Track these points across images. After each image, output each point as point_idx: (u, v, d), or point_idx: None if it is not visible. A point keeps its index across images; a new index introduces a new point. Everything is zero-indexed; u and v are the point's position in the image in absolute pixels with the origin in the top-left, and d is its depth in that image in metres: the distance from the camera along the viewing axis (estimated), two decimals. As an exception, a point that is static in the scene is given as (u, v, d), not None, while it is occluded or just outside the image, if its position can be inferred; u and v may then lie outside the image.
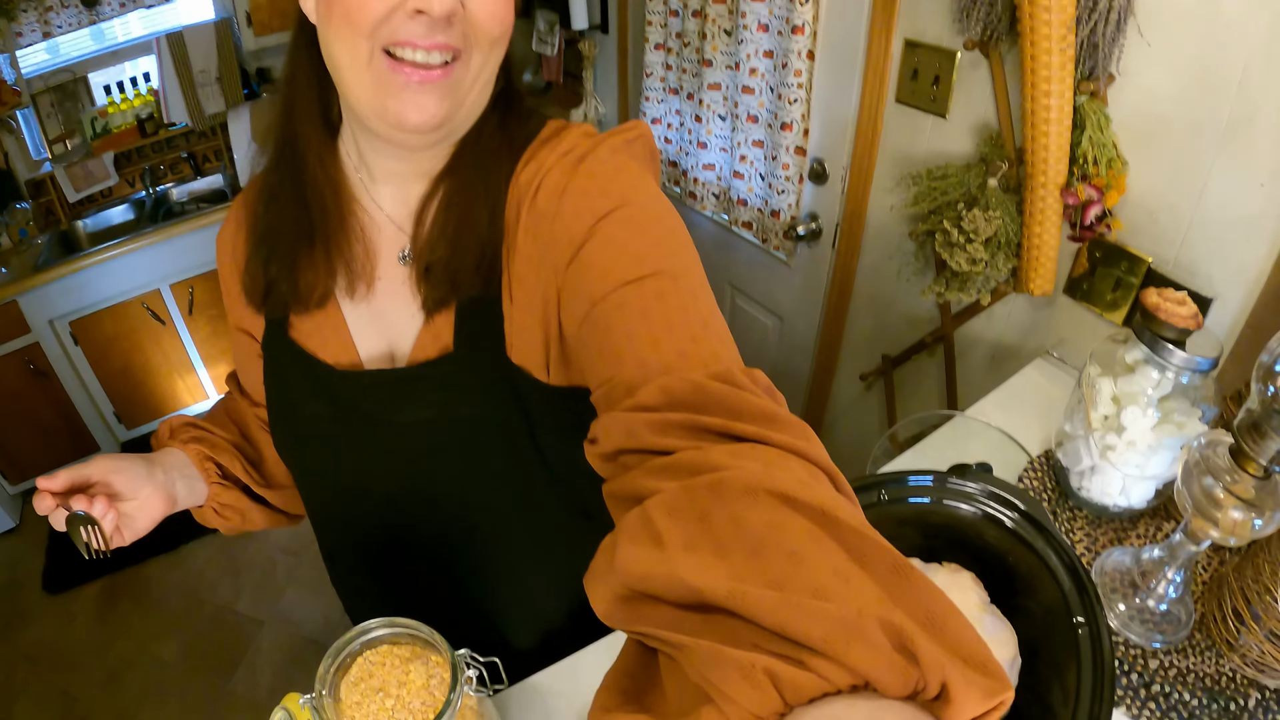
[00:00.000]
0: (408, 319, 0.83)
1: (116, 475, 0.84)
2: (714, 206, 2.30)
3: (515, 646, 0.99)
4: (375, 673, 0.73)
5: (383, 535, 0.93)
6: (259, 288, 0.84)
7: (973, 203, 1.44)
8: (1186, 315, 1.00)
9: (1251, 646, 0.94)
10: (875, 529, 0.42)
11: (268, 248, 0.82)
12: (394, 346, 0.84)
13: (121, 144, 3.22)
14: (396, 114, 0.68)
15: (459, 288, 0.78)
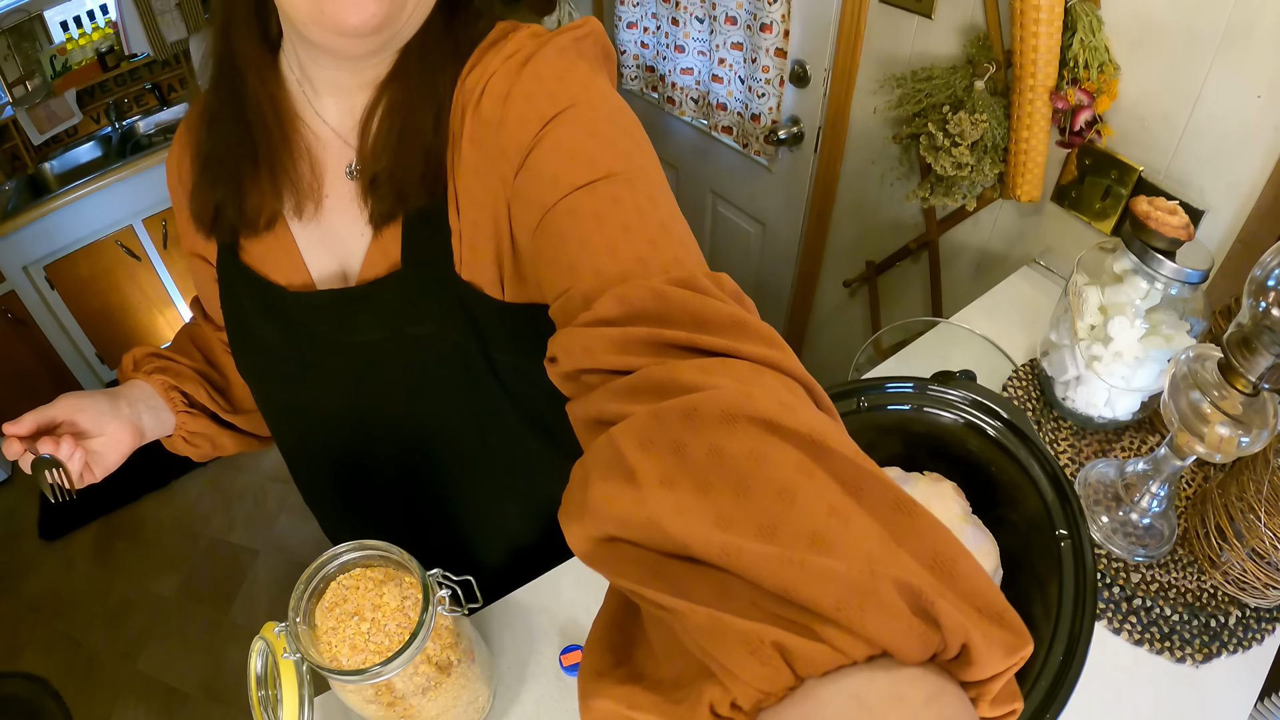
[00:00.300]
0: (357, 236, 0.81)
1: (81, 413, 0.84)
2: (693, 112, 2.24)
3: (486, 565, 1.01)
4: (349, 597, 0.73)
5: (347, 458, 0.93)
6: (207, 212, 0.82)
7: (959, 106, 1.40)
8: (1178, 225, 0.98)
9: (1233, 564, 0.95)
10: (865, 453, 0.40)
11: (212, 171, 0.80)
12: (345, 265, 0.83)
13: (83, 80, 3.11)
14: (334, 16, 0.63)
15: (404, 199, 0.75)
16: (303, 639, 0.70)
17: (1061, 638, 0.70)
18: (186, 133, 0.87)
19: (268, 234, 0.82)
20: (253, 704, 0.75)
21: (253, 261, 0.85)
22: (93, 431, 0.85)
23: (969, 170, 1.41)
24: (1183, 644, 0.95)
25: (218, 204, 0.80)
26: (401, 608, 0.73)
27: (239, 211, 0.80)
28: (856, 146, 1.82)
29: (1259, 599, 0.96)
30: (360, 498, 0.97)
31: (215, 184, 0.80)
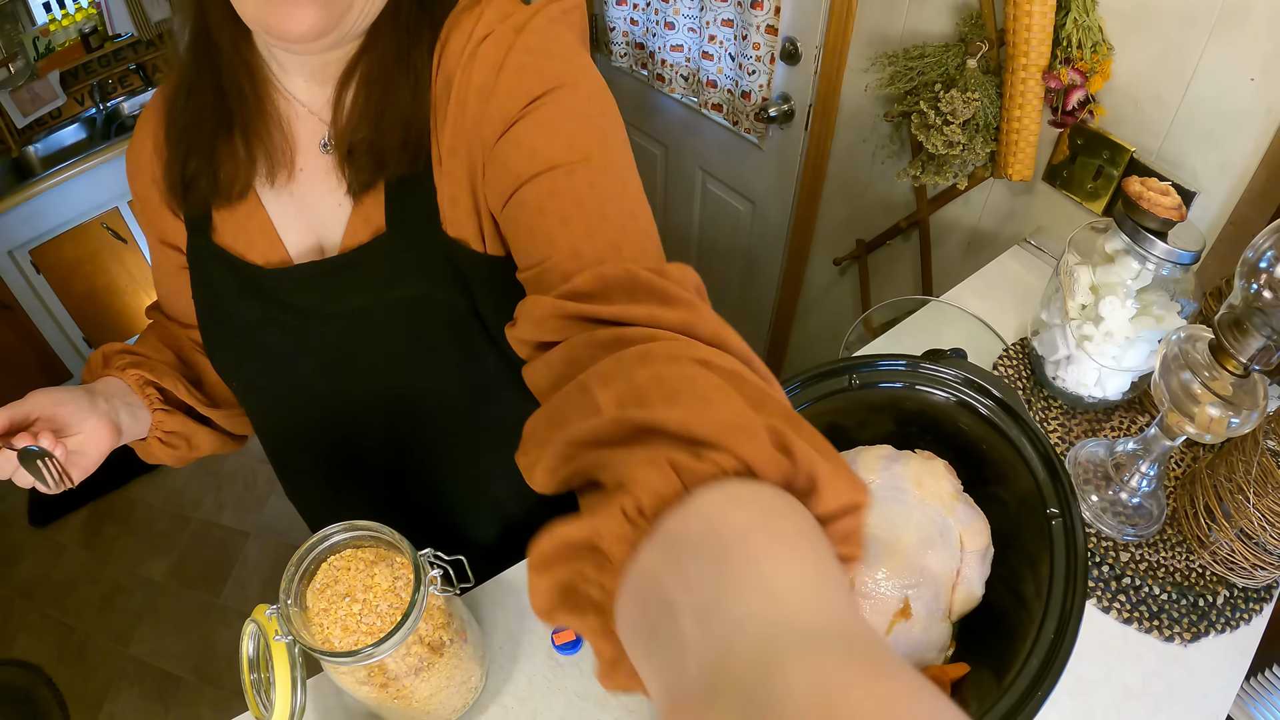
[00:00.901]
0: (333, 208, 0.81)
1: (59, 409, 0.80)
2: (683, 89, 2.22)
3: (477, 543, 1.01)
4: (340, 578, 0.73)
5: (331, 438, 0.92)
6: (179, 184, 0.82)
7: (951, 84, 1.39)
8: (1170, 206, 0.98)
9: (1222, 544, 0.96)
10: (788, 400, 0.51)
11: (187, 140, 0.80)
12: (322, 239, 0.83)
13: (67, 61, 3.06)
14: (278, 26, 0.66)
15: (385, 167, 0.77)
16: (294, 621, 0.69)
17: (1052, 615, 0.71)
18: (154, 116, 0.86)
19: (241, 208, 0.83)
20: (245, 687, 0.75)
21: (226, 242, 0.84)
22: (71, 428, 0.81)
23: (960, 149, 1.40)
24: (1171, 623, 0.96)
25: (192, 174, 0.81)
26: (393, 588, 0.73)
27: (212, 179, 0.80)
28: (847, 124, 1.81)
29: (1247, 579, 0.97)
30: (347, 479, 0.96)
31: (190, 154, 0.80)
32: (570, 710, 0.89)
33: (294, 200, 0.82)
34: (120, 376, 0.91)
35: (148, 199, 0.89)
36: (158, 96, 0.85)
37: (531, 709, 0.89)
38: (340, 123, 0.78)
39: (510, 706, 0.90)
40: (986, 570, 0.80)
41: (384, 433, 0.90)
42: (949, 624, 0.78)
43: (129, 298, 3.15)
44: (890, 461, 0.82)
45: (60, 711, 2.35)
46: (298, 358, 0.86)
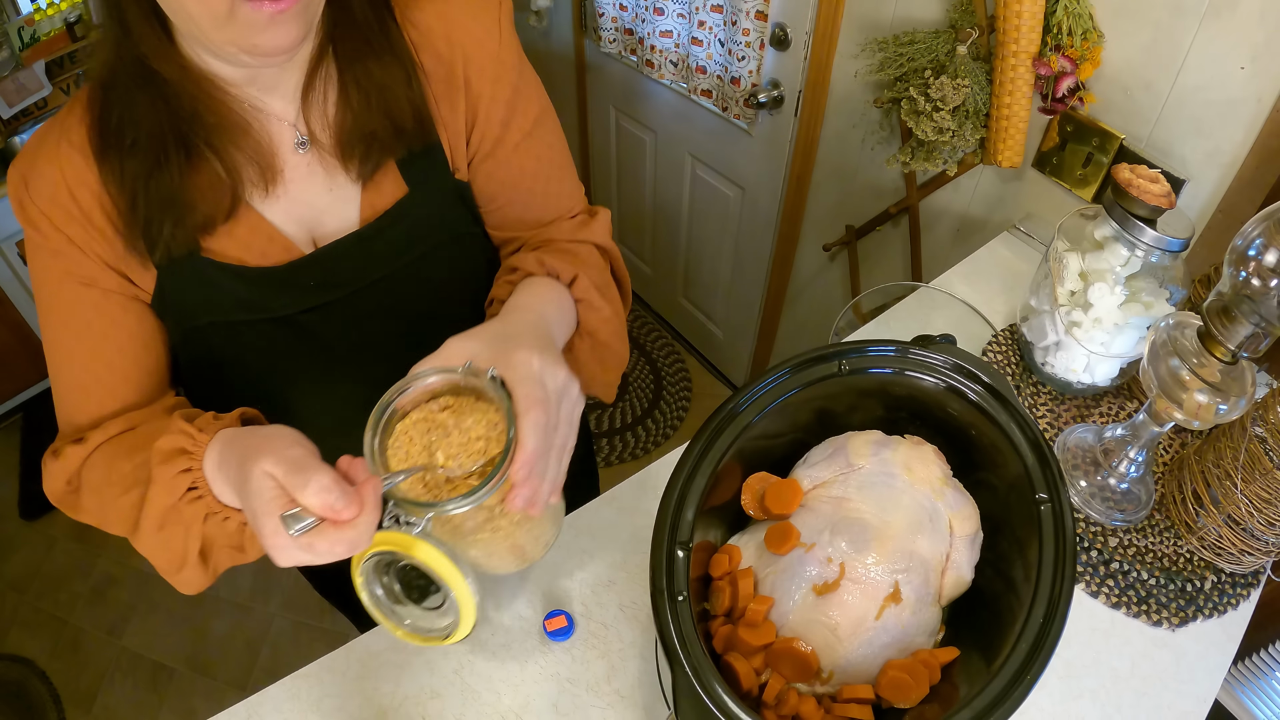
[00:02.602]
0: (331, 198, 0.84)
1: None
2: (672, 75, 2.21)
3: None
4: (414, 436, 0.69)
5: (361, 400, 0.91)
6: (146, 232, 0.77)
7: (941, 70, 1.39)
8: (1159, 193, 0.99)
9: (1210, 530, 0.97)
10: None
11: (150, 187, 0.75)
12: (329, 227, 0.85)
13: (52, 50, 3.00)
14: (263, 47, 0.68)
15: (389, 149, 0.83)
16: (409, 495, 0.66)
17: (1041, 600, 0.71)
18: (72, 159, 0.76)
19: (239, 226, 0.80)
20: (405, 635, 0.70)
21: (231, 259, 0.81)
22: None
23: (950, 135, 1.40)
24: (1159, 607, 0.97)
25: (163, 218, 0.76)
26: (484, 435, 0.69)
27: (194, 212, 0.77)
28: (837, 110, 1.81)
29: (1234, 564, 0.98)
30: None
31: (156, 200, 0.75)
32: (562, 696, 0.90)
33: (287, 199, 0.82)
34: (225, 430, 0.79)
35: (80, 242, 0.78)
36: (68, 139, 0.76)
37: (524, 695, 0.90)
38: (326, 117, 0.81)
39: (502, 693, 0.90)
40: (976, 555, 0.81)
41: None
42: (939, 608, 0.78)
43: (116, 288, 3.13)
44: (880, 447, 0.82)
45: (54, 705, 2.34)
46: (352, 327, 0.88)
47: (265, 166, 0.80)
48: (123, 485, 0.78)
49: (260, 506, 0.61)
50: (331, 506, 0.59)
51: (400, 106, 0.81)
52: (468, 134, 0.88)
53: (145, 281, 0.81)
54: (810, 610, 0.73)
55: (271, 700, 0.91)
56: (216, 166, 0.77)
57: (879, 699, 0.73)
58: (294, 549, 0.61)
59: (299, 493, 0.60)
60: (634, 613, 0.96)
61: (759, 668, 0.73)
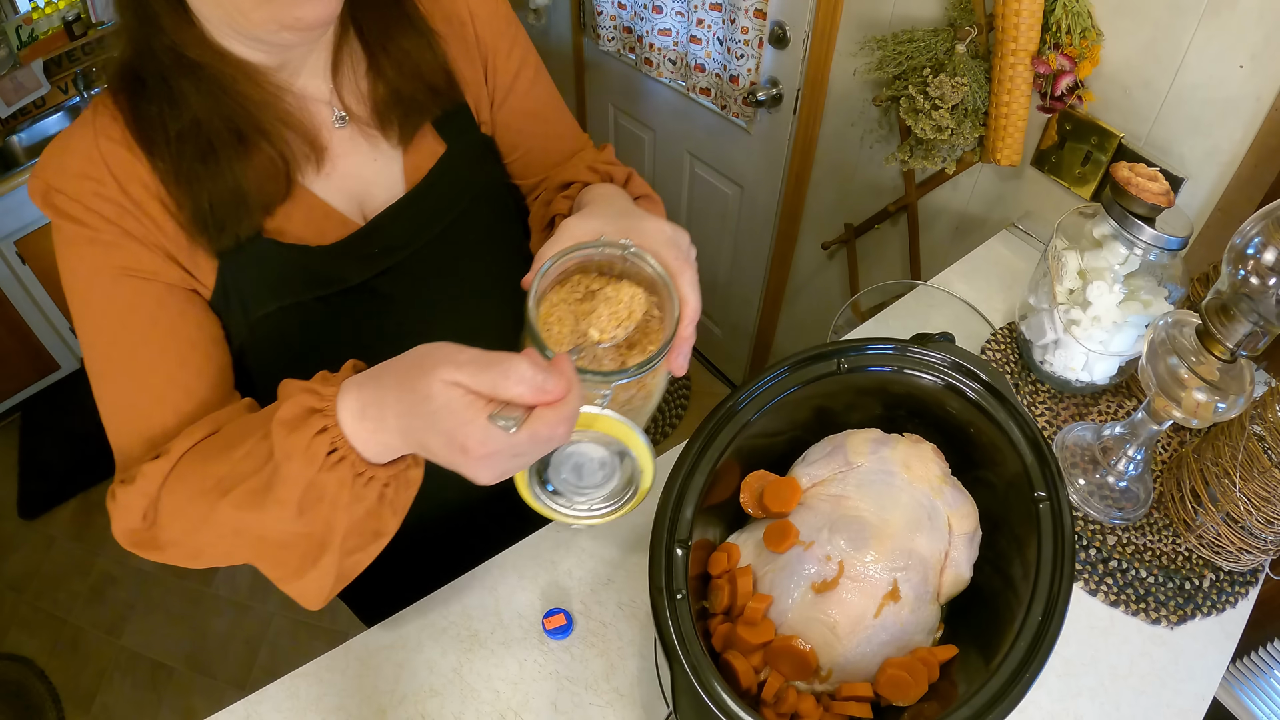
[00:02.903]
0: (376, 168, 0.86)
1: None
2: (671, 73, 2.21)
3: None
4: (561, 316, 0.69)
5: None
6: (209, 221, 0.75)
7: (939, 68, 1.39)
8: (1158, 191, 0.99)
9: (1208, 528, 0.97)
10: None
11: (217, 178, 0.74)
12: (378, 197, 0.87)
13: (50, 49, 2.99)
14: (306, 19, 0.68)
15: (427, 110, 0.86)
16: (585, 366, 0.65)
17: (1040, 598, 0.71)
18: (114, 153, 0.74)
19: (295, 207, 0.81)
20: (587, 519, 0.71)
21: (291, 239, 0.81)
22: None
23: (949, 133, 1.40)
24: (1158, 605, 0.97)
25: (230, 205, 0.75)
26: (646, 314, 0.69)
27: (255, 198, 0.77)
28: (836, 108, 1.81)
29: (1233, 563, 0.98)
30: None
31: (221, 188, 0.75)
32: (561, 694, 0.90)
33: (336, 176, 0.84)
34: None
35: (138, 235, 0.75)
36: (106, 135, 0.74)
37: (523, 693, 0.90)
38: (360, 91, 0.84)
39: (501, 691, 0.90)
40: (974, 553, 0.81)
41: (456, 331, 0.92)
42: (937, 606, 0.78)
43: (115, 286, 3.13)
44: (879, 445, 0.82)
45: (53, 705, 2.34)
46: (419, 284, 0.89)
47: (313, 145, 0.80)
48: (220, 490, 0.67)
49: (456, 421, 0.56)
50: (541, 388, 0.56)
51: (431, 68, 0.85)
52: (487, 86, 0.93)
53: (205, 275, 0.78)
54: (809, 608, 0.73)
55: (271, 699, 0.91)
56: (268, 150, 0.77)
57: (878, 697, 0.73)
58: (507, 454, 0.57)
59: (500, 386, 0.56)
60: (633, 611, 0.96)
61: (758, 666, 0.73)
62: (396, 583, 1.04)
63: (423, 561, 1.07)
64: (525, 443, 0.56)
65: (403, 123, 0.85)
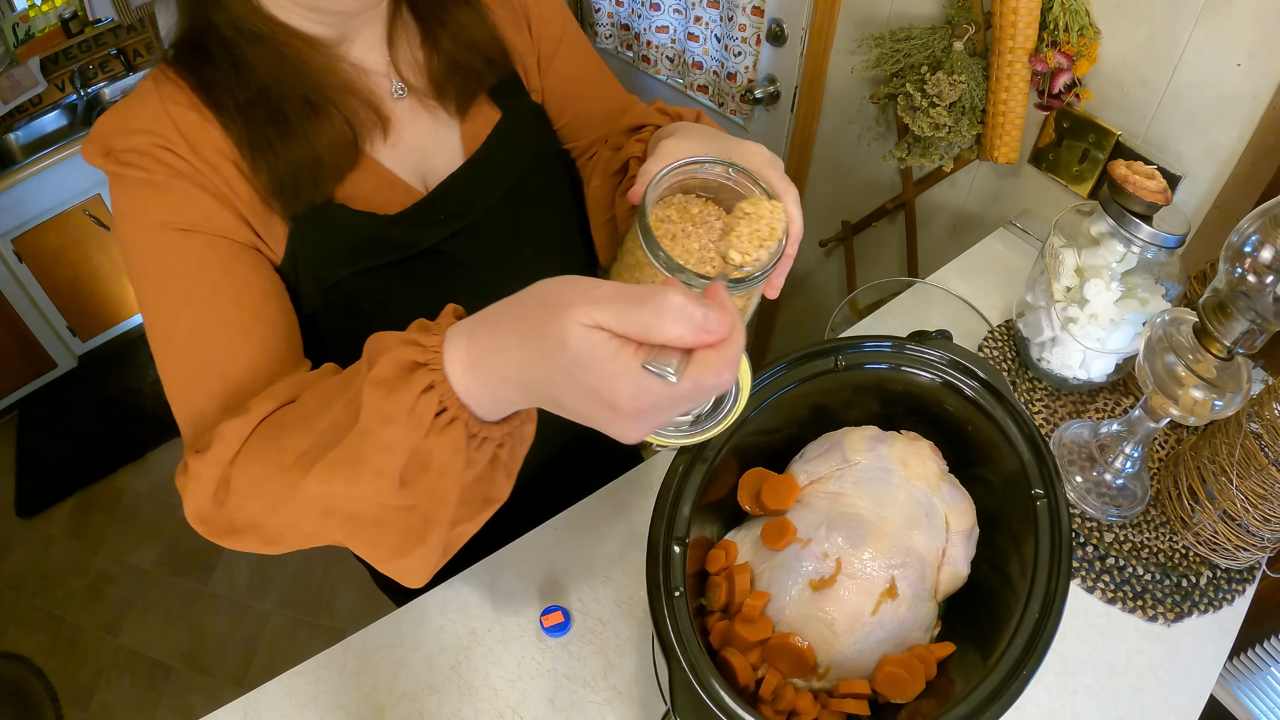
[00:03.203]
0: (436, 138, 0.88)
1: None
2: (668, 70, 2.21)
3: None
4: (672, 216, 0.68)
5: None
6: (283, 186, 0.75)
7: (937, 66, 1.39)
8: (1155, 189, 0.99)
9: (1205, 525, 0.97)
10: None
11: (292, 145, 0.74)
12: (438, 166, 0.88)
13: (47, 47, 3.01)
14: None
15: (483, 79, 0.89)
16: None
17: (1037, 595, 0.71)
18: (192, 122, 0.73)
19: (361, 176, 0.82)
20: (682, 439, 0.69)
21: (360, 207, 0.82)
22: None
23: (946, 131, 1.40)
24: (1155, 603, 0.97)
25: (306, 172, 0.75)
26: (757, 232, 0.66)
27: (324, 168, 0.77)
28: (833, 106, 1.81)
29: (1229, 560, 0.98)
30: None
31: (297, 154, 0.75)
32: (559, 692, 0.90)
33: (400, 146, 0.85)
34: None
35: (212, 192, 0.73)
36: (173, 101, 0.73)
37: (521, 690, 0.90)
38: (416, 63, 0.85)
39: (499, 689, 0.90)
40: (972, 550, 0.81)
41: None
42: (935, 603, 0.78)
43: (113, 284, 3.13)
44: (876, 442, 0.82)
45: (51, 703, 2.34)
46: (485, 247, 0.90)
47: (379, 114, 0.82)
48: (302, 465, 0.59)
49: (602, 372, 0.48)
50: (703, 326, 0.47)
51: (485, 38, 0.87)
52: (536, 54, 0.95)
53: (276, 242, 0.78)
54: (806, 605, 0.74)
55: (269, 697, 0.91)
56: (337, 118, 0.77)
57: (875, 694, 0.73)
58: (665, 407, 0.50)
59: (653, 326, 0.47)
60: (630, 608, 0.96)
61: (755, 663, 0.73)
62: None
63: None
64: (688, 392, 0.48)
65: (460, 93, 0.87)
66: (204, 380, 0.70)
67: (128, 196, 0.72)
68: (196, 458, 0.64)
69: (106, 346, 3.24)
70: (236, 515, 0.64)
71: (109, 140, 0.71)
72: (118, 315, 3.22)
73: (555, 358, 0.49)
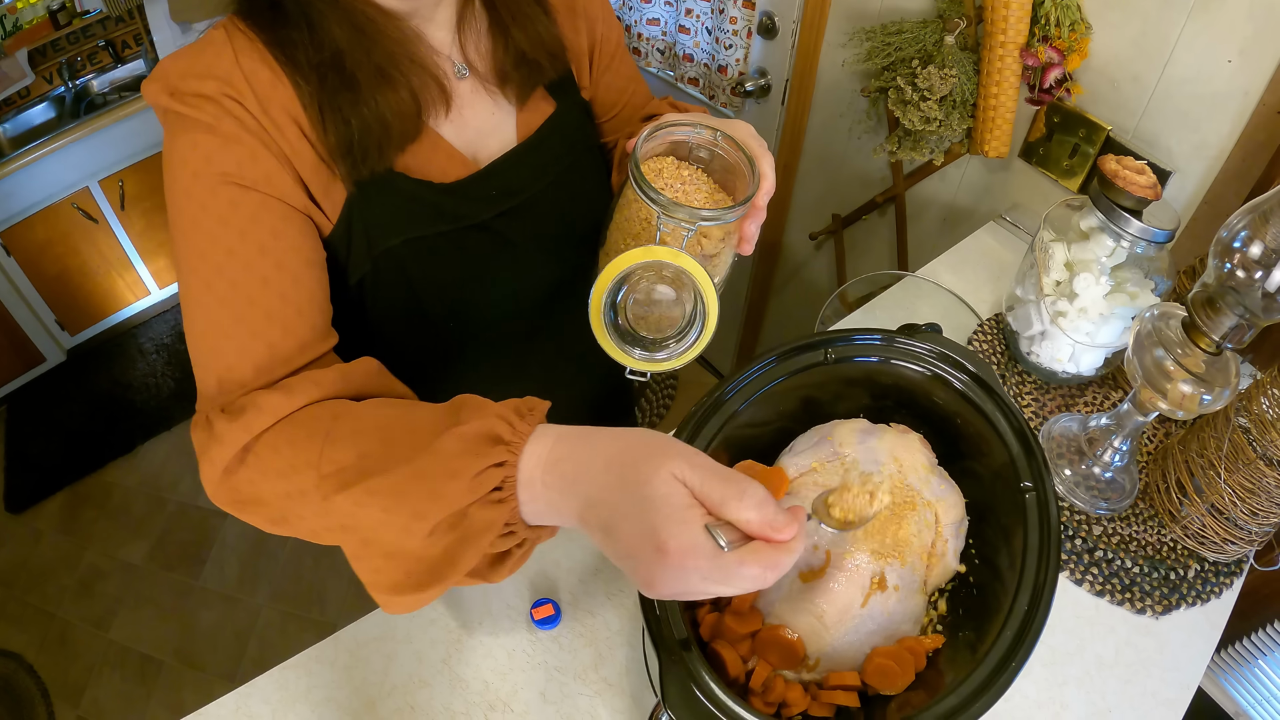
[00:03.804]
0: (494, 120, 0.91)
1: None
2: (659, 63, 2.20)
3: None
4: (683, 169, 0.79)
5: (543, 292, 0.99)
6: (351, 148, 0.76)
7: (928, 60, 1.39)
8: (1145, 184, 0.99)
9: (1193, 519, 0.97)
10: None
11: (362, 111, 0.76)
12: (491, 147, 0.90)
13: (35, 39, 2.97)
14: None
15: (544, 72, 0.91)
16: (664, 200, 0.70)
17: (1026, 587, 0.72)
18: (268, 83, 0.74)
19: (422, 147, 0.84)
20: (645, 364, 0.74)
21: (419, 176, 0.84)
22: None
23: (937, 125, 1.40)
24: (1143, 595, 0.98)
25: (373, 138, 0.77)
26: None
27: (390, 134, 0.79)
28: (824, 99, 1.81)
29: (1217, 553, 0.99)
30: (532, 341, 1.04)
31: (366, 120, 0.76)
32: (550, 684, 0.90)
33: (459, 122, 0.88)
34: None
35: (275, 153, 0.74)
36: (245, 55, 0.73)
37: (512, 683, 0.90)
38: (481, 48, 0.88)
39: (490, 681, 0.90)
40: (961, 543, 0.81)
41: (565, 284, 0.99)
42: (924, 596, 0.79)
43: (101, 279, 3.11)
44: (866, 435, 0.83)
45: (42, 699, 2.33)
46: (534, 226, 0.93)
47: (442, 90, 0.84)
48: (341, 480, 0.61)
49: (668, 516, 0.52)
50: (772, 523, 0.52)
51: (550, 35, 0.91)
52: (589, 54, 0.99)
53: (332, 206, 0.79)
54: (796, 598, 0.74)
55: (260, 691, 0.91)
56: (405, 89, 0.79)
57: (865, 686, 0.73)
58: (703, 573, 0.51)
59: (730, 503, 0.52)
60: (621, 600, 0.96)
61: (746, 655, 0.74)
62: None
63: None
64: (732, 567, 0.51)
65: (522, 83, 0.90)
66: (237, 336, 0.70)
67: (189, 141, 0.71)
68: (225, 418, 0.66)
69: (95, 340, 3.22)
70: (245, 487, 0.66)
71: (175, 81, 0.71)
72: (106, 309, 3.20)
73: (633, 491, 0.53)
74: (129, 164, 2.94)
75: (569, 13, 0.96)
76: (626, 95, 1.06)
